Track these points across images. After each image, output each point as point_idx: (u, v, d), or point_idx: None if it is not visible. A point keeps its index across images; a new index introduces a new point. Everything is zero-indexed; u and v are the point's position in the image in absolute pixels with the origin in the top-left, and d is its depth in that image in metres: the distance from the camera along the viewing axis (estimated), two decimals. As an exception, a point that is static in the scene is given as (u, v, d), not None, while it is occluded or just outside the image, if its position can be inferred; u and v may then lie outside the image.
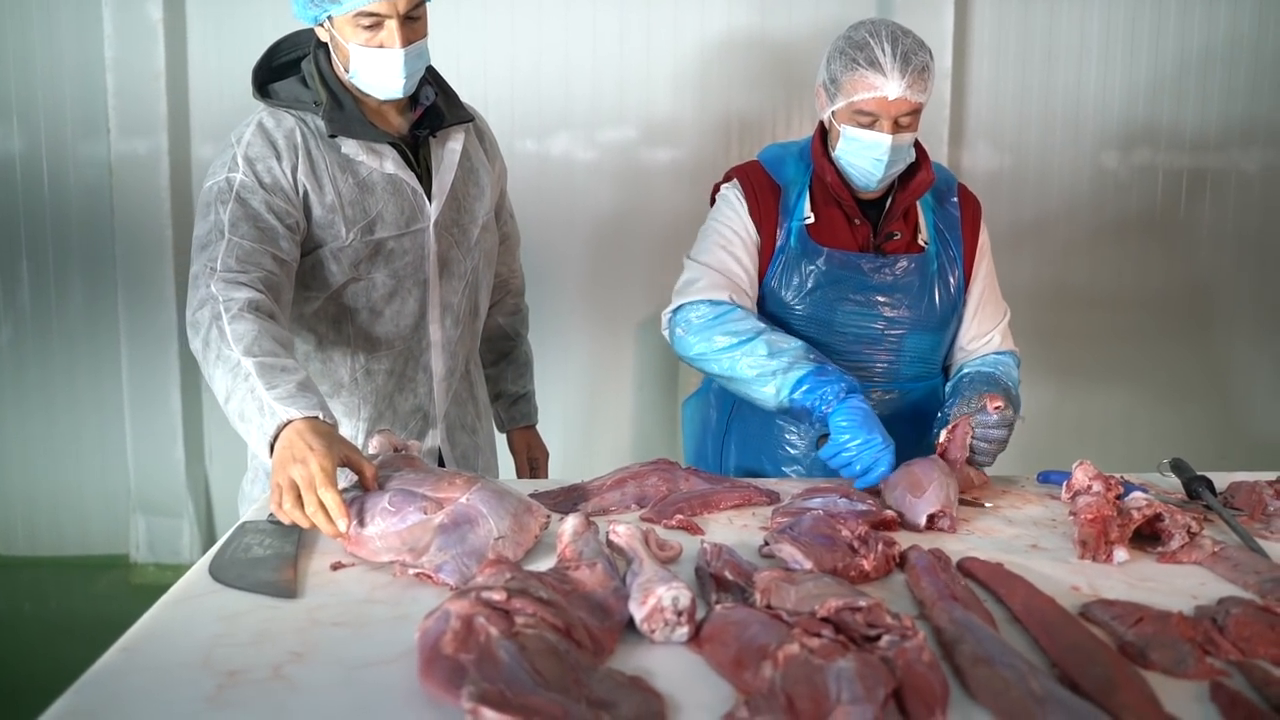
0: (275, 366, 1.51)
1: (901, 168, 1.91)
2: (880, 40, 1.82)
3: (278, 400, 1.45)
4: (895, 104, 1.81)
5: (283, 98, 1.84)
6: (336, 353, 1.90)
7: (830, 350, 1.92)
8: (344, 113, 1.80)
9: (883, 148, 1.84)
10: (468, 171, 1.98)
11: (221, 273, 1.64)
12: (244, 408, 1.48)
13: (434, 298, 1.93)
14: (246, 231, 1.69)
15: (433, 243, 1.90)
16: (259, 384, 1.48)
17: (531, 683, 0.94)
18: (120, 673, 1.03)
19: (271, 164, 1.76)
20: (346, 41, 1.73)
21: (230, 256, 1.66)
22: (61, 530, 3.92)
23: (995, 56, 3.78)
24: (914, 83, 1.80)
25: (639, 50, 3.67)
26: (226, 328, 1.56)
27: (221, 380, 1.53)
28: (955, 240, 2.01)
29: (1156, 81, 3.83)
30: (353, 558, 1.35)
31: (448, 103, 1.93)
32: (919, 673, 0.96)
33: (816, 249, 1.94)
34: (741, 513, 1.61)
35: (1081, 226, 3.90)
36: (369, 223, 1.82)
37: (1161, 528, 1.40)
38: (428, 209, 1.89)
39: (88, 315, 3.80)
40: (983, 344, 2.04)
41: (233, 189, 1.73)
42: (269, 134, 1.78)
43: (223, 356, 1.54)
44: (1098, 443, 3.95)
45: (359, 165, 1.82)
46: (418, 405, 1.98)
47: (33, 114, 3.71)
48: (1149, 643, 1.06)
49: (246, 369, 1.50)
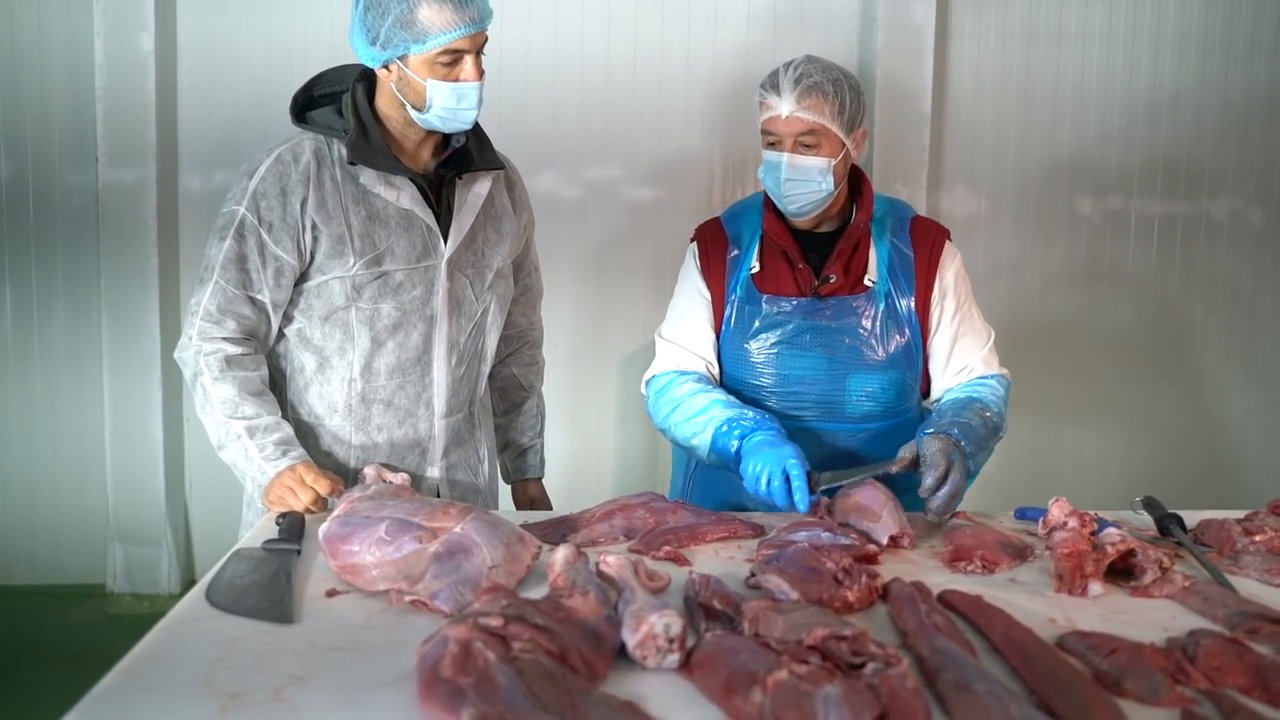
0: (258, 428, 1.82)
1: (816, 194, 1.91)
2: (787, 68, 1.91)
3: (265, 460, 1.79)
4: (789, 122, 1.87)
5: (318, 124, 1.90)
6: (335, 376, 1.93)
7: (779, 394, 1.99)
8: (368, 143, 1.85)
9: (781, 166, 1.89)
10: (490, 217, 2.02)
11: (202, 320, 1.85)
12: (236, 459, 1.83)
13: (440, 335, 1.97)
14: (233, 276, 1.85)
15: (444, 280, 1.94)
16: (248, 444, 1.80)
17: (529, 705, 0.96)
18: (123, 694, 1.05)
19: (274, 204, 1.83)
20: (424, 79, 1.79)
21: (212, 303, 1.85)
22: (37, 558, 3.90)
23: (973, 101, 3.88)
24: (804, 99, 1.86)
25: (625, 89, 3.74)
26: (210, 389, 1.83)
27: (212, 430, 1.85)
28: (908, 279, 1.99)
29: (1128, 129, 3.94)
30: (348, 585, 1.38)
31: (479, 147, 1.99)
32: (903, 698, 0.99)
33: (758, 296, 2.00)
34: (727, 545, 1.64)
35: (1056, 268, 4.00)
36: (377, 254, 1.87)
37: (1134, 563, 1.44)
38: (441, 247, 1.93)
39: (71, 343, 3.81)
40: (962, 377, 2.02)
41: (233, 224, 1.85)
42: (284, 168, 1.84)
43: (208, 412, 1.84)
44: (1073, 479, 4.03)
45: (374, 197, 1.87)
46: (416, 440, 2.01)
47: (20, 142, 3.73)
48: (1123, 672, 1.10)
49: (236, 431, 1.81)
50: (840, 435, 2.01)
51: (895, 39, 3.72)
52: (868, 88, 3.74)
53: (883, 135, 3.75)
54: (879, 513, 1.64)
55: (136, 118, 3.64)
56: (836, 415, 2.00)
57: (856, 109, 1.92)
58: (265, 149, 1.89)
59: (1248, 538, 1.58)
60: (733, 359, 2.03)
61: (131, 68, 3.62)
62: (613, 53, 3.75)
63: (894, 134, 3.76)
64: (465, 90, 1.81)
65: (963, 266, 2.06)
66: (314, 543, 1.50)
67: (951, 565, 1.53)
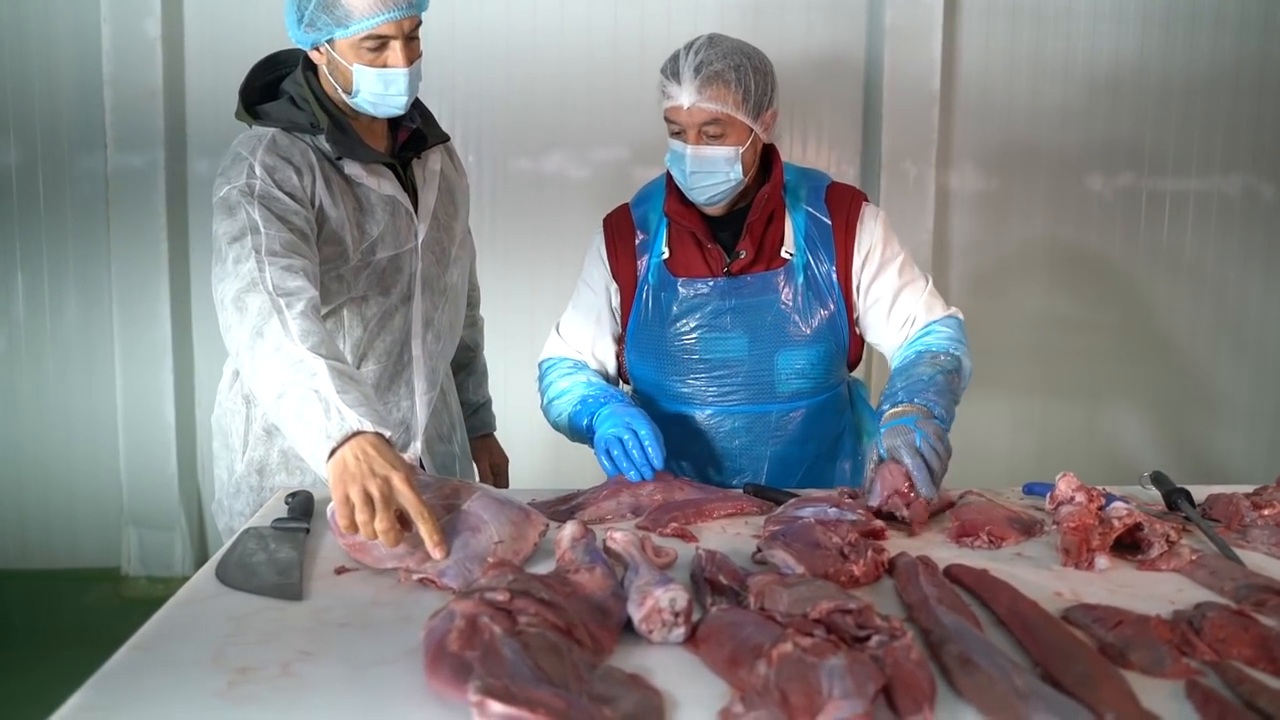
0: (345, 373, 1.47)
1: (724, 184, 1.85)
2: (688, 51, 1.81)
3: (350, 406, 1.41)
4: (691, 113, 1.79)
5: (276, 119, 1.84)
6: None
7: (704, 379, 1.96)
8: (347, 135, 1.84)
9: (685, 158, 1.82)
10: (445, 191, 2.03)
11: (268, 257, 1.59)
12: (303, 407, 1.42)
13: (417, 315, 1.98)
14: (280, 229, 1.67)
15: (419, 262, 1.95)
16: (329, 385, 1.42)
17: (535, 678, 0.97)
18: (133, 669, 1.06)
19: (289, 175, 1.76)
20: (350, 64, 1.77)
21: (275, 242, 1.63)
22: (53, 542, 3.93)
23: (983, 80, 3.85)
24: (705, 89, 1.77)
25: (632, 70, 3.72)
26: (291, 322, 1.51)
27: (276, 374, 1.47)
28: (827, 249, 1.93)
29: (1140, 105, 3.91)
30: (356, 563, 1.39)
31: (427, 123, 1.98)
32: (907, 670, 1.00)
33: (670, 280, 1.95)
34: (734, 521, 1.64)
35: (1067, 246, 3.97)
36: (371, 244, 1.87)
37: (1141, 536, 1.44)
38: (416, 228, 1.94)
39: (83, 328, 3.82)
40: (908, 328, 1.95)
41: (254, 194, 1.71)
42: (283, 150, 1.79)
43: (284, 351, 1.48)
44: (1083, 456, 4.01)
45: (359, 187, 1.87)
46: (401, 419, 2.02)
47: (29, 128, 3.75)
48: (1128, 644, 1.10)
49: (314, 368, 1.45)
50: (773, 416, 1.97)
51: (904, 16, 3.69)
52: (875, 66, 3.75)
53: (891, 114, 3.73)
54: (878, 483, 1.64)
55: (144, 104, 3.64)
56: (767, 395, 1.95)
57: (764, 92, 1.82)
58: (248, 134, 1.82)
59: (1256, 511, 1.57)
60: (651, 349, 1.98)
61: (138, 54, 3.62)
62: (619, 33, 3.74)
63: (903, 113, 3.74)
64: (392, 76, 1.77)
65: (886, 223, 1.97)
66: (323, 521, 1.51)
67: (958, 540, 1.53)
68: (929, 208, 3.80)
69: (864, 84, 3.85)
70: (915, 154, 3.76)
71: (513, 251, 3.73)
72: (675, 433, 2.00)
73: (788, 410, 1.98)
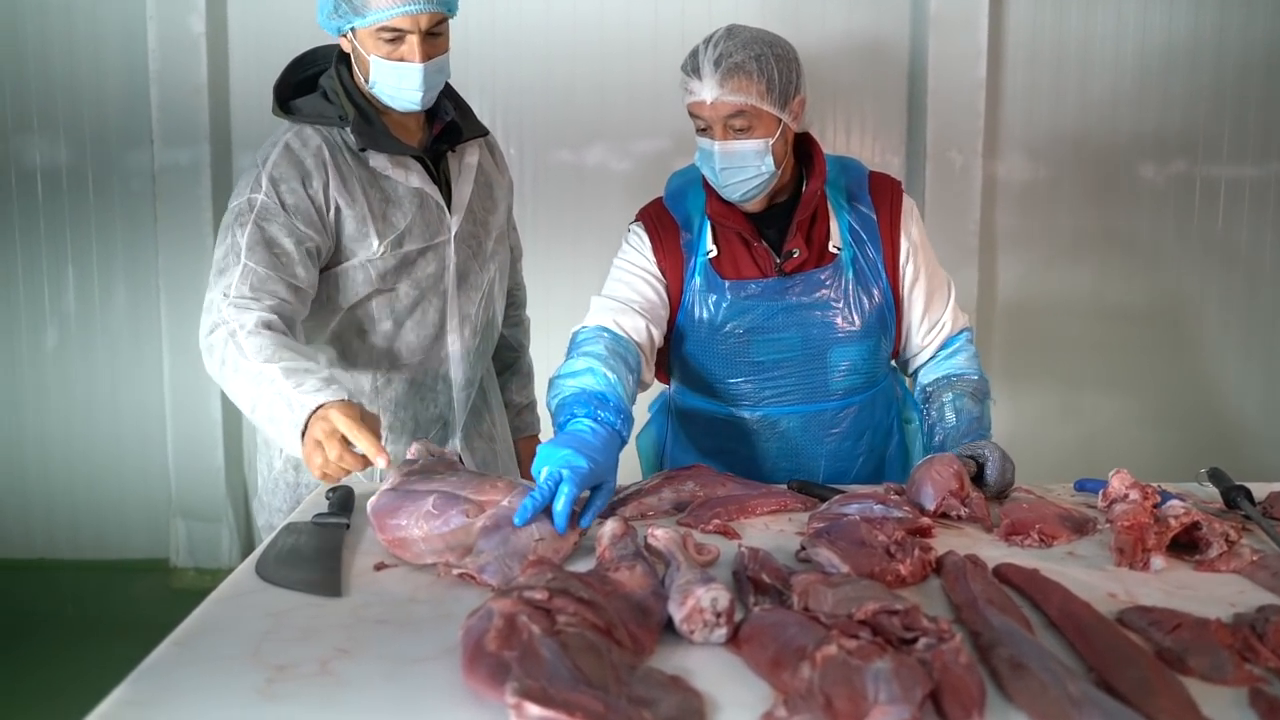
0: (298, 369, 1.56)
1: (756, 178, 1.79)
2: (707, 45, 1.75)
3: (304, 393, 1.51)
4: (715, 108, 1.74)
5: (306, 113, 1.86)
6: (359, 363, 1.94)
7: (756, 382, 1.92)
8: (373, 127, 1.84)
9: (713, 155, 1.78)
10: (483, 185, 2.02)
11: (235, 299, 1.69)
12: (272, 410, 1.54)
13: (453, 309, 1.97)
14: (262, 257, 1.72)
15: (453, 255, 1.94)
16: (285, 385, 1.53)
17: (573, 680, 0.96)
18: (173, 665, 1.06)
19: (295, 185, 1.78)
20: (368, 54, 1.77)
21: (244, 284, 1.70)
22: (103, 533, 4.00)
23: (1030, 67, 3.78)
24: (727, 82, 1.72)
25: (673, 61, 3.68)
26: (243, 343, 1.61)
27: (245, 391, 1.58)
28: (873, 240, 1.90)
29: (1193, 90, 3.81)
30: (395, 559, 1.38)
31: (463, 117, 1.97)
32: (956, 674, 0.97)
33: (719, 283, 1.88)
34: (778, 518, 1.62)
35: (1117, 237, 3.89)
36: (398, 236, 1.86)
37: (1199, 536, 1.39)
38: (449, 222, 1.93)
39: (131, 322, 3.89)
40: (937, 334, 1.96)
41: (253, 210, 1.76)
42: (295, 154, 1.80)
43: (241, 370, 1.59)
44: (1136, 452, 3.92)
45: (385, 180, 1.87)
46: (438, 414, 2.01)
47: (79, 126, 3.81)
48: (1187, 649, 1.06)
49: (269, 375, 1.55)
50: (828, 413, 1.95)
51: (948, 2, 3.62)
52: (919, 53, 3.68)
53: (937, 102, 3.67)
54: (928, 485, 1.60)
55: (189, 100, 3.68)
56: (820, 394, 1.93)
57: (788, 80, 1.76)
58: (269, 141, 1.85)
59: (1320, 510, 1.52)
60: (700, 351, 1.93)
61: (183, 50, 3.66)
62: (660, 24, 3.71)
63: (948, 101, 3.67)
64: (406, 71, 1.76)
65: (920, 218, 1.98)
66: (363, 516, 1.51)
67: (1008, 539, 1.49)
68: (975, 198, 3.73)
69: (908, 72, 3.78)
70: (961, 143, 3.70)
71: (554, 245, 3.72)
72: (726, 435, 1.98)
73: (842, 407, 1.96)
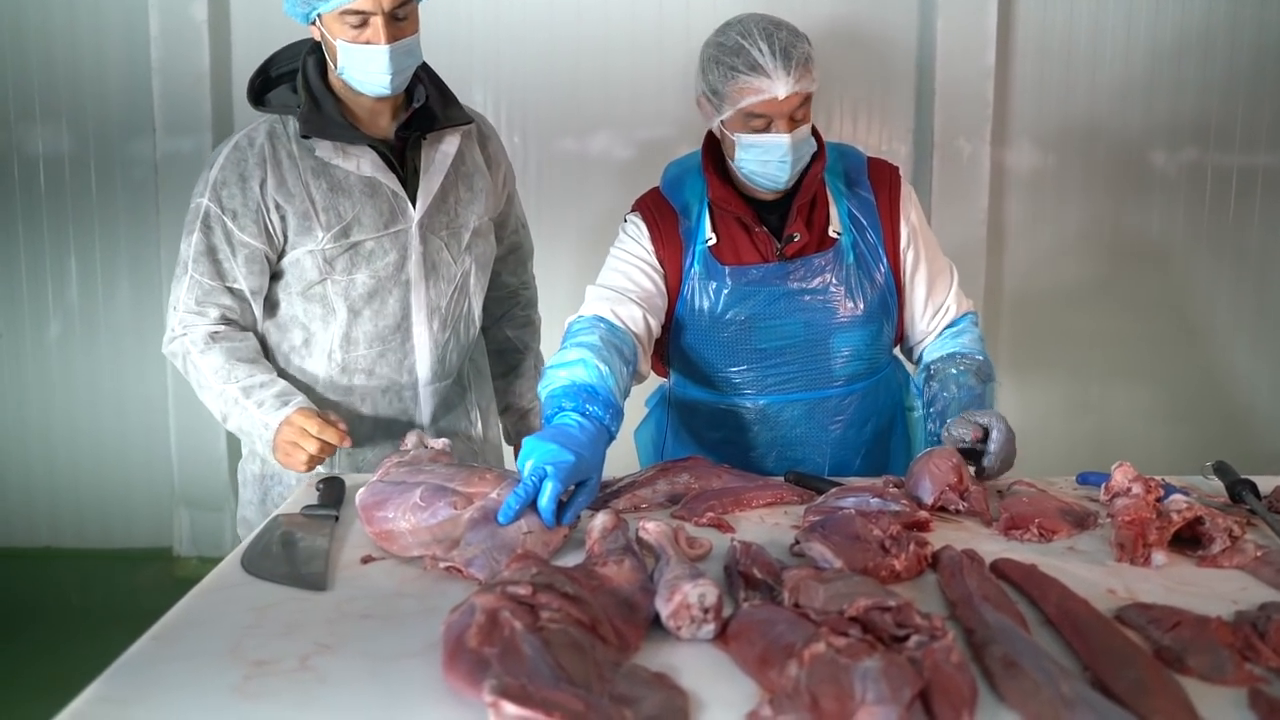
0: (253, 385, 1.80)
1: (803, 160, 1.81)
2: (754, 40, 1.73)
3: (265, 413, 1.77)
4: (786, 102, 1.73)
5: (274, 104, 1.89)
6: (318, 350, 1.93)
7: (758, 370, 1.90)
8: (321, 115, 1.83)
9: (783, 149, 1.75)
10: (461, 175, 1.98)
11: (184, 312, 1.86)
12: (241, 423, 1.81)
13: (418, 300, 1.94)
14: (205, 268, 1.85)
15: (417, 244, 1.92)
16: (247, 405, 1.79)
17: (554, 677, 0.93)
18: (150, 661, 1.05)
19: (235, 190, 1.82)
20: (335, 38, 1.76)
21: (190, 296, 1.86)
22: (108, 522, 4.00)
23: (1039, 54, 3.73)
24: (801, 76, 1.73)
25: (678, 49, 3.66)
26: (197, 362, 1.83)
27: (213, 406, 1.84)
28: (873, 225, 1.90)
29: (1206, 78, 3.76)
30: (383, 551, 1.36)
31: (444, 104, 1.94)
32: (947, 674, 0.94)
33: (719, 269, 1.87)
34: (773, 511, 1.60)
35: (1126, 227, 3.84)
36: (345, 225, 1.85)
37: (1202, 531, 1.36)
38: (410, 211, 1.90)
39: (134, 312, 3.87)
40: (942, 317, 1.95)
41: (198, 217, 1.84)
42: (240, 154, 1.84)
43: (204, 387, 1.84)
44: (1142, 444, 3.88)
45: (333, 168, 1.85)
46: (402, 409, 2.00)
47: (81, 115, 3.79)
48: (1186, 647, 1.04)
49: (230, 395, 1.81)
50: (830, 402, 1.93)
51: (957, -11, 3.58)
52: (928, 40, 3.64)
53: (944, 90, 3.62)
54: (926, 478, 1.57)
55: (191, 88, 3.65)
56: (823, 381, 1.92)
57: None
58: (226, 139, 1.89)
59: (1327, 505, 1.49)
60: (700, 340, 1.92)
61: (185, 38, 3.63)
62: (664, 12, 3.67)
63: (956, 89, 3.62)
64: (372, 54, 1.75)
65: (919, 203, 1.99)
66: (353, 509, 1.49)
67: (1007, 533, 1.46)
68: (983, 187, 3.68)
69: (916, 59, 3.73)
70: (969, 131, 3.65)
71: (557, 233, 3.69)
72: (727, 426, 1.96)
73: (845, 394, 1.95)
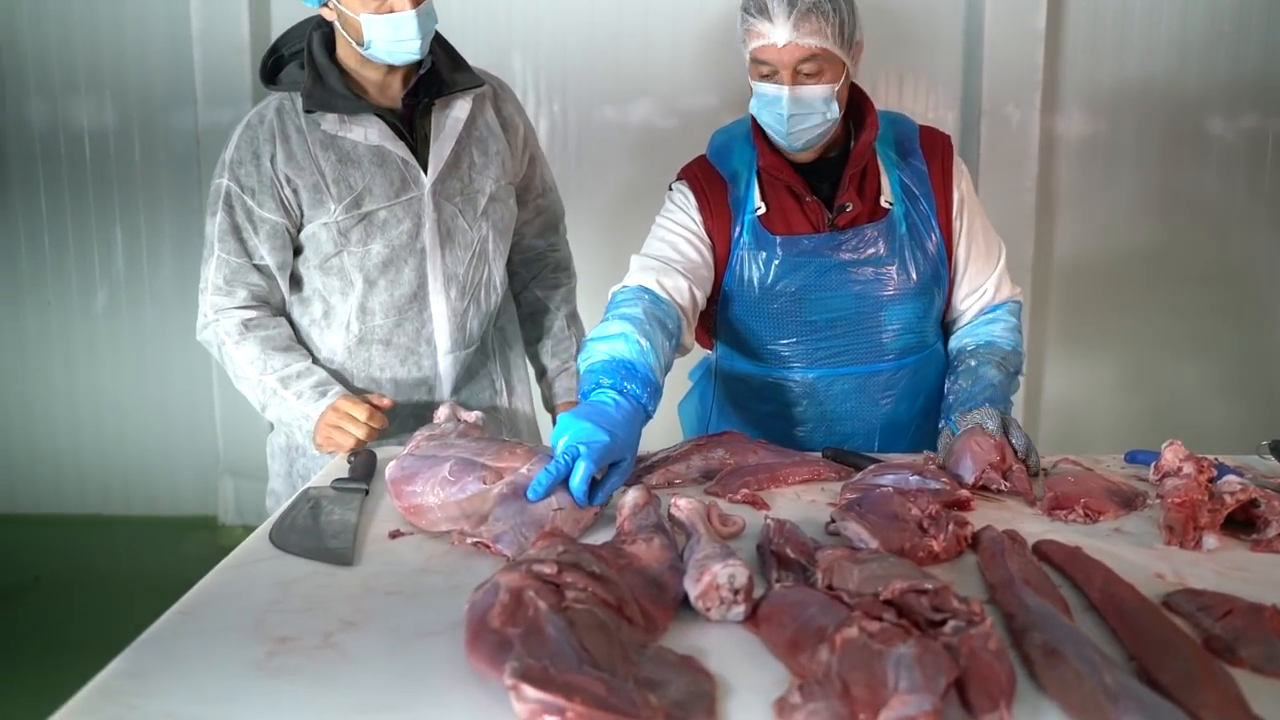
0: (290, 375, 1.83)
1: (822, 125, 1.74)
2: None
3: (305, 404, 1.80)
4: (786, 51, 1.67)
5: (284, 82, 1.89)
6: (337, 321, 1.93)
7: (810, 343, 1.86)
8: (324, 88, 1.82)
9: (781, 100, 1.70)
10: (474, 140, 1.95)
11: (213, 295, 1.88)
12: (281, 413, 1.84)
13: (435, 268, 1.93)
14: (231, 246, 1.86)
15: (430, 211, 1.90)
16: (286, 395, 1.82)
17: (577, 659, 0.91)
18: (175, 635, 1.04)
19: (250, 169, 1.83)
20: (356, 14, 1.74)
21: (219, 276, 1.87)
22: (154, 491, 4.07)
23: (1092, 16, 3.62)
24: (803, 24, 1.65)
25: (720, 15, 3.60)
26: (234, 354, 1.85)
27: (252, 394, 1.86)
28: (926, 195, 1.85)
29: (1269, 36, 3.62)
30: (411, 526, 1.35)
31: (454, 68, 1.92)
32: (984, 661, 0.91)
33: (769, 239, 1.82)
34: (810, 488, 1.56)
35: (1184, 195, 3.73)
36: (356, 196, 1.84)
37: (1257, 514, 1.31)
38: (422, 178, 1.88)
39: (178, 282, 3.91)
40: (977, 300, 1.90)
41: (220, 197, 1.85)
42: (252, 132, 1.85)
43: (241, 377, 1.87)
44: (1196, 421, 3.78)
45: (341, 140, 1.84)
46: (422, 378, 1.99)
47: (125, 88, 3.83)
48: (1238, 637, 0.99)
49: (270, 386, 1.83)
50: (881, 376, 1.89)
51: (1007, -51, 3.47)
52: (976, 4, 3.54)
53: (993, 54, 3.52)
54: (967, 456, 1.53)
55: (232, 59, 3.68)
56: (874, 355, 1.87)
57: (853, 22, 1.72)
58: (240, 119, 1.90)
59: (1391, 487, 1.42)
60: (749, 311, 1.87)
61: (225, 10, 3.65)
62: (706, -23, 3.62)
63: (1005, 53, 3.53)
64: (400, 21, 1.74)
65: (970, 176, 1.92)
66: (382, 483, 1.48)
67: (1051, 513, 1.42)
68: (1033, 154, 3.59)
69: (964, 22, 3.63)
70: (1019, 97, 3.56)
71: (597, 203, 3.66)
72: (775, 400, 1.92)
73: (896, 368, 1.90)
